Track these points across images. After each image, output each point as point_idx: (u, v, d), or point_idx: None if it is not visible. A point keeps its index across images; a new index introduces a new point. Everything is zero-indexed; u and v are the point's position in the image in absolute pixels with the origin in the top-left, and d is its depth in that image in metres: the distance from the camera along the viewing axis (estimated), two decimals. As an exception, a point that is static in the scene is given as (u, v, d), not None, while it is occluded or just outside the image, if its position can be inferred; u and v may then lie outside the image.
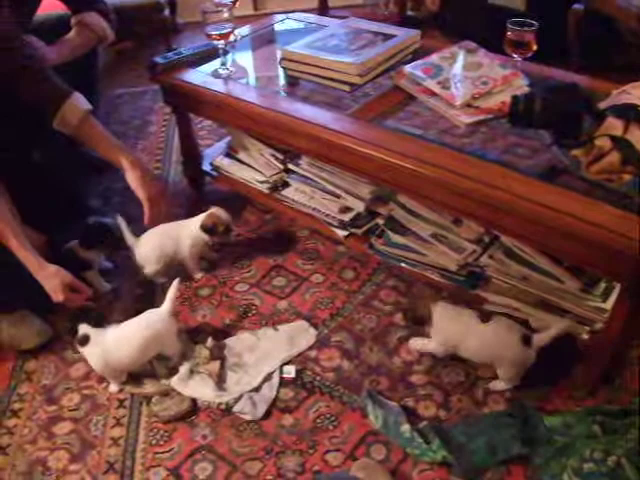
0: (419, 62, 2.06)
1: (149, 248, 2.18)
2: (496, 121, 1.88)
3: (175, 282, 1.94)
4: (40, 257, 1.94)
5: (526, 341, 1.72)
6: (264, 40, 2.61)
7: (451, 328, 1.80)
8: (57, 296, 1.95)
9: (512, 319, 1.79)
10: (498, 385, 1.82)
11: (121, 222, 2.17)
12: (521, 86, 1.94)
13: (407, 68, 2.05)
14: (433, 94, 1.96)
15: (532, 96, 1.78)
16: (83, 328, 1.85)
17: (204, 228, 2.15)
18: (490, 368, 1.83)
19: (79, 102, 2.01)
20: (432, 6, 3.99)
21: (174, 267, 2.21)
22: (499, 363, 1.78)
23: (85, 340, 1.84)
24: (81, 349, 1.86)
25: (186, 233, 2.18)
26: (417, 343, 1.90)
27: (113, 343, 1.85)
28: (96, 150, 2.09)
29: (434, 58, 2.07)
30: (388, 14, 4.16)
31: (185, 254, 2.20)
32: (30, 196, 2.00)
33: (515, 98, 1.79)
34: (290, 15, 2.72)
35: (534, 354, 1.73)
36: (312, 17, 2.72)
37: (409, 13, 4.12)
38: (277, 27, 2.68)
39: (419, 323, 1.85)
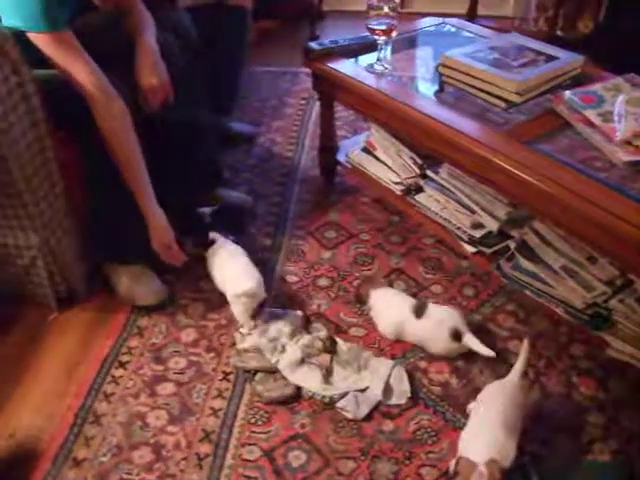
0: (580, 89, 1.98)
1: None
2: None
3: None
4: (157, 206, 1.97)
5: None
6: (414, 41, 2.58)
7: None
8: (155, 248, 2.01)
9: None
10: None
11: None
12: (688, 130, 1.85)
13: (567, 94, 1.97)
14: (591, 125, 1.88)
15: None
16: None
17: None
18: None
19: None
20: (585, 29, 3.87)
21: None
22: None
23: None
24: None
25: None
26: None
27: None
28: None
29: (597, 87, 1.98)
30: (536, 31, 4.05)
31: None
32: (169, 155, 2.03)
33: (681, 143, 1.72)
34: (447, 20, 2.68)
35: None
36: (469, 26, 2.67)
37: (558, 33, 4.00)
38: (427, 30, 2.64)
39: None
